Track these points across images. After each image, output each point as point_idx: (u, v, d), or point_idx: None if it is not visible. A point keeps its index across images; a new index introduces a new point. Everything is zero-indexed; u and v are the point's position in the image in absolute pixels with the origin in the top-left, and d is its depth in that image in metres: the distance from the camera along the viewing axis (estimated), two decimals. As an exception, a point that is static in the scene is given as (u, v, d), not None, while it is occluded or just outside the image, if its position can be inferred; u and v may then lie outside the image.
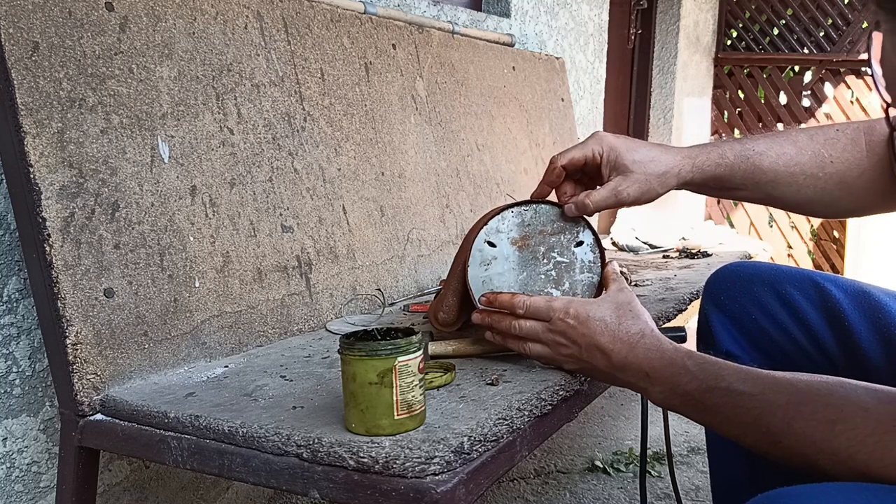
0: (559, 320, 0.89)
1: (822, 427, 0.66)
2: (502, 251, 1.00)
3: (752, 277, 1.02)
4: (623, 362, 0.84)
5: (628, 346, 0.84)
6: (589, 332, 0.87)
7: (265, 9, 1.34)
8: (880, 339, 0.92)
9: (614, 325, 0.86)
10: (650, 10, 3.89)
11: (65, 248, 0.96)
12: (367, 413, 0.79)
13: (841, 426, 0.65)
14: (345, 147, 1.47)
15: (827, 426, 0.66)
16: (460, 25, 2.01)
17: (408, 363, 0.78)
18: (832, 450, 0.65)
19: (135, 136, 1.07)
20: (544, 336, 0.91)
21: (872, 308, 0.94)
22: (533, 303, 0.92)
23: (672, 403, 0.80)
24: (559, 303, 0.90)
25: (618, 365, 0.84)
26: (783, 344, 0.98)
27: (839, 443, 0.65)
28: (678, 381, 0.78)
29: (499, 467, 0.83)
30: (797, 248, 4.30)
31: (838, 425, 0.65)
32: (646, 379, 0.82)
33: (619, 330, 0.85)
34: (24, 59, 0.95)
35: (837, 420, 0.66)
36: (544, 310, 0.91)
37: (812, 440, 0.67)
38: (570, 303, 0.89)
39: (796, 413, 0.68)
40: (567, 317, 0.88)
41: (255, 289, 1.21)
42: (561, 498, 1.77)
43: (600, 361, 0.86)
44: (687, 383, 0.77)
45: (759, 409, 0.71)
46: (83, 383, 0.96)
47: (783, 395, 0.70)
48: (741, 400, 0.73)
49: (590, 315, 0.87)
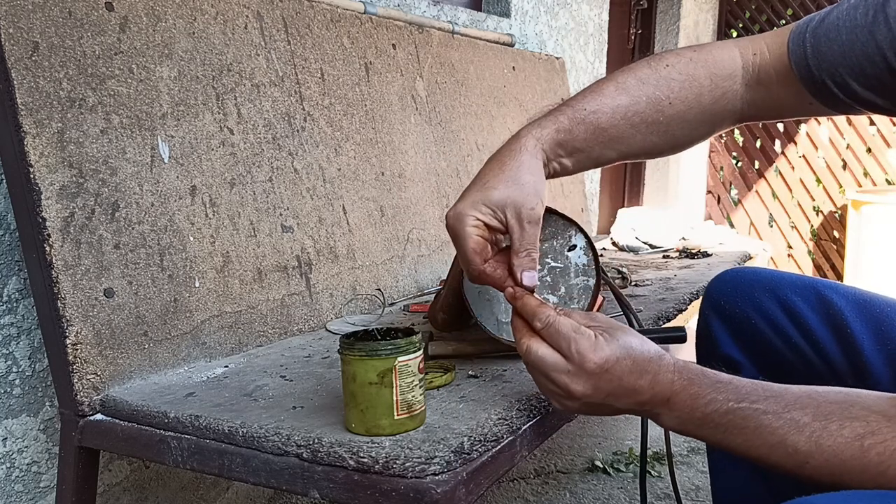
0: (586, 369, 0.72)
1: (852, 443, 0.63)
2: None
3: (753, 283, 1.01)
4: (647, 398, 0.73)
5: (654, 373, 0.73)
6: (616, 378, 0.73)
7: (265, 9, 1.34)
8: (882, 348, 0.92)
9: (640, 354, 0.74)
10: (650, 10, 3.89)
11: (65, 248, 0.96)
12: (367, 413, 0.79)
13: (870, 440, 0.63)
14: (345, 147, 1.47)
15: (857, 441, 0.63)
16: (460, 25, 2.01)
17: (408, 363, 0.78)
18: (862, 467, 0.63)
19: (135, 136, 1.07)
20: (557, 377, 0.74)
21: (875, 317, 0.93)
22: (559, 326, 0.74)
23: (688, 428, 0.73)
24: (586, 342, 0.73)
25: (643, 400, 0.73)
26: (784, 350, 0.98)
27: (870, 459, 0.62)
28: (697, 403, 0.71)
29: (499, 467, 0.83)
30: (797, 248, 4.30)
31: (867, 439, 0.63)
32: (665, 405, 0.73)
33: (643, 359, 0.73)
34: (24, 59, 0.95)
35: (866, 434, 0.63)
36: (566, 343, 0.73)
37: (842, 458, 0.64)
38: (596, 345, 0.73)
39: (823, 430, 0.65)
40: (595, 364, 0.72)
41: (255, 289, 1.21)
42: (561, 498, 1.77)
43: (621, 402, 0.74)
44: (707, 405, 0.70)
45: (785, 428, 0.66)
46: (83, 383, 0.96)
47: (807, 412, 0.66)
48: (765, 419, 0.68)
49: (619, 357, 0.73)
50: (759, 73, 0.89)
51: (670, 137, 0.91)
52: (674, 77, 0.89)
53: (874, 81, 0.80)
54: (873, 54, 0.79)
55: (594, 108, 0.87)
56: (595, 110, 0.87)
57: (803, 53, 0.84)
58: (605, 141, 0.89)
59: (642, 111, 0.88)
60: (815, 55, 0.83)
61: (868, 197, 3.58)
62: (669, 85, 0.88)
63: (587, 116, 0.87)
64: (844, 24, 0.81)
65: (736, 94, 0.90)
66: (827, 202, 4.19)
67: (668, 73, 0.89)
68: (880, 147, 3.97)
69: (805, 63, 0.84)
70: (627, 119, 0.88)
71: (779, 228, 4.36)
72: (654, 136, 0.90)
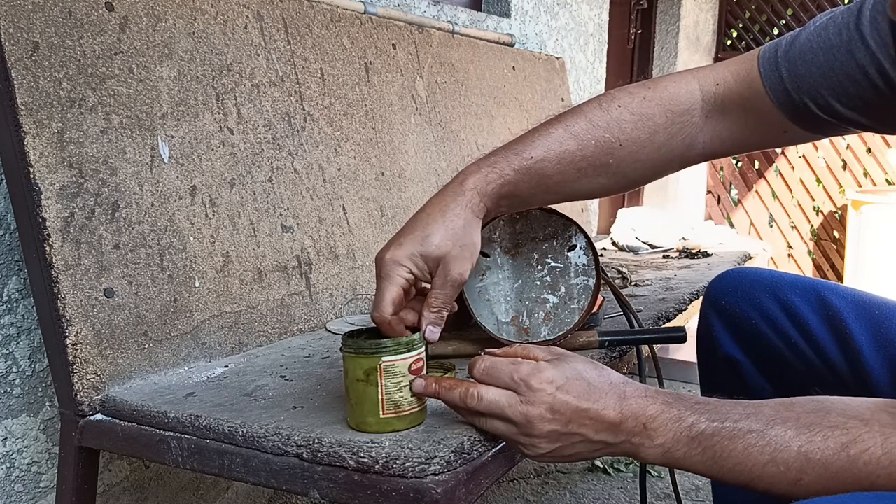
0: (534, 389, 0.70)
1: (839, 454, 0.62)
2: (496, 260, 1.00)
3: (754, 283, 1.01)
4: (618, 419, 0.69)
5: (618, 398, 0.70)
6: (573, 398, 0.70)
7: (265, 9, 1.34)
8: (881, 349, 0.92)
9: (596, 378, 0.71)
10: (650, 10, 3.89)
11: (65, 248, 0.96)
12: (355, 408, 0.80)
13: (855, 449, 0.61)
14: (345, 147, 1.47)
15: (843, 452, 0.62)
16: (460, 25, 2.01)
17: (394, 363, 0.77)
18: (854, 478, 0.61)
19: (135, 136, 1.07)
20: (511, 411, 0.71)
21: (874, 318, 0.93)
22: (494, 364, 0.74)
23: (674, 457, 0.69)
24: (526, 367, 0.72)
25: (612, 424, 0.70)
26: (784, 350, 0.98)
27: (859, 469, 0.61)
28: (680, 426, 0.68)
29: (499, 467, 0.83)
30: (797, 248, 4.30)
31: (852, 448, 0.62)
32: (642, 433, 0.69)
33: (602, 382, 0.71)
34: (24, 59, 0.95)
35: (849, 443, 0.62)
36: (507, 375, 0.72)
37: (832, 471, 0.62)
38: (537, 367, 0.72)
39: (809, 443, 0.63)
40: (542, 383, 0.70)
41: (255, 289, 1.21)
42: (561, 498, 1.77)
43: (589, 429, 0.70)
44: (691, 427, 0.67)
45: (773, 445, 0.64)
46: (83, 383, 0.96)
47: (789, 426, 0.64)
48: (751, 438, 0.65)
49: (568, 377, 0.71)
50: (724, 103, 0.87)
51: (621, 178, 0.89)
52: (625, 118, 0.86)
53: (857, 101, 0.80)
54: (854, 73, 0.78)
55: (541, 155, 0.85)
56: (541, 158, 0.85)
57: (779, 78, 0.83)
58: (549, 187, 0.87)
59: (590, 155, 0.86)
60: (793, 78, 0.82)
61: (868, 197, 3.58)
62: (621, 126, 0.86)
63: (533, 165, 0.85)
64: (819, 45, 0.80)
65: (695, 128, 0.88)
66: (827, 202, 4.19)
67: (620, 115, 0.86)
68: (880, 147, 3.97)
69: (782, 87, 0.83)
70: (574, 164, 0.86)
71: (779, 228, 4.36)
72: (603, 177, 0.88)
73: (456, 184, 0.84)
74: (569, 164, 0.86)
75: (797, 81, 0.82)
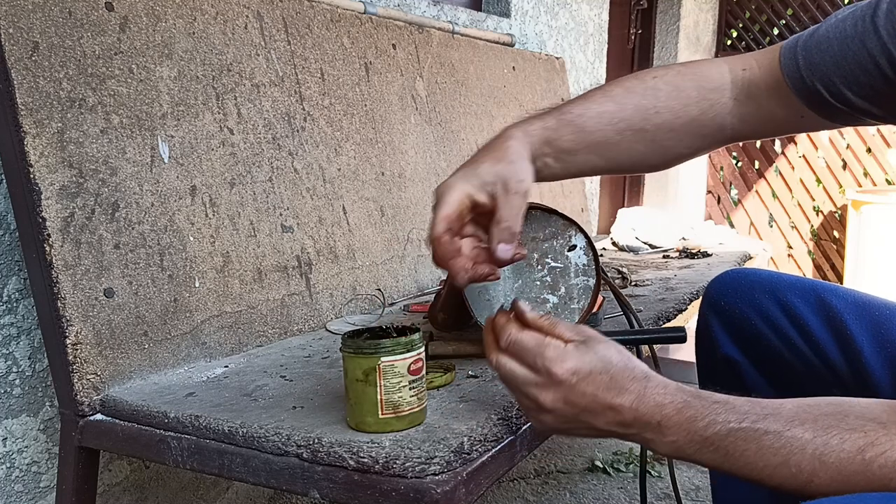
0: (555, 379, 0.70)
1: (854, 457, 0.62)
2: None
3: (753, 284, 1.01)
4: (631, 417, 0.70)
5: (638, 394, 0.70)
6: (592, 390, 0.70)
7: (265, 9, 1.34)
8: (881, 350, 0.91)
9: (619, 371, 0.71)
10: (650, 10, 3.89)
11: (65, 248, 0.96)
12: (355, 408, 0.80)
13: (871, 452, 0.61)
14: (345, 147, 1.47)
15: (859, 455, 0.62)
16: (460, 25, 2.01)
17: (393, 364, 0.78)
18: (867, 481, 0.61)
19: (135, 136, 1.07)
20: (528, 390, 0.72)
21: (874, 320, 0.93)
22: (523, 342, 0.73)
23: (686, 453, 0.69)
24: (552, 351, 0.71)
25: (625, 420, 0.70)
26: (784, 351, 0.98)
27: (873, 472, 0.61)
28: (695, 426, 0.68)
29: (499, 467, 0.83)
30: (797, 248, 4.30)
31: (868, 452, 0.62)
32: (655, 429, 0.70)
33: (624, 377, 0.70)
34: (24, 59, 0.95)
35: (866, 447, 0.62)
36: (532, 357, 0.72)
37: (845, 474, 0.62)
38: (563, 354, 0.71)
39: (825, 446, 0.63)
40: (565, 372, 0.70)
41: (255, 289, 1.21)
42: (561, 498, 1.77)
43: (600, 420, 0.71)
44: (706, 427, 0.67)
45: (788, 447, 0.64)
46: (83, 383, 0.96)
47: (807, 428, 0.64)
48: (766, 440, 0.66)
49: (591, 368, 0.70)
50: (750, 87, 0.90)
51: (658, 147, 0.91)
52: (660, 87, 0.89)
53: (868, 90, 0.81)
54: (866, 63, 0.80)
55: (580, 111, 0.88)
56: (581, 114, 0.88)
57: (795, 65, 0.86)
58: (590, 145, 0.89)
59: (628, 118, 0.89)
60: (808, 66, 0.85)
61: (868, 197, 3.58)
62: (656, 94, 0.89)
63: (574, 119, 0.88)
64: (835, 35, 0.83)
65: (725, 108, 0.91)
66: (827, 202, 4.19)
67: (655, 84, 0.90)
68: (880, 147, 3.97)
69: (798, 74, 0.85)
70: (613, 125, 0.88)
71: (779, 228, 4.36)
72: (641, 144, 0.90)
73: (499, 133, 0.88)
74: (607, 124, 0.88)
75: (811, 69, 0.84)
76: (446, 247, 0.79)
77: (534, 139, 0.87)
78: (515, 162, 0.83)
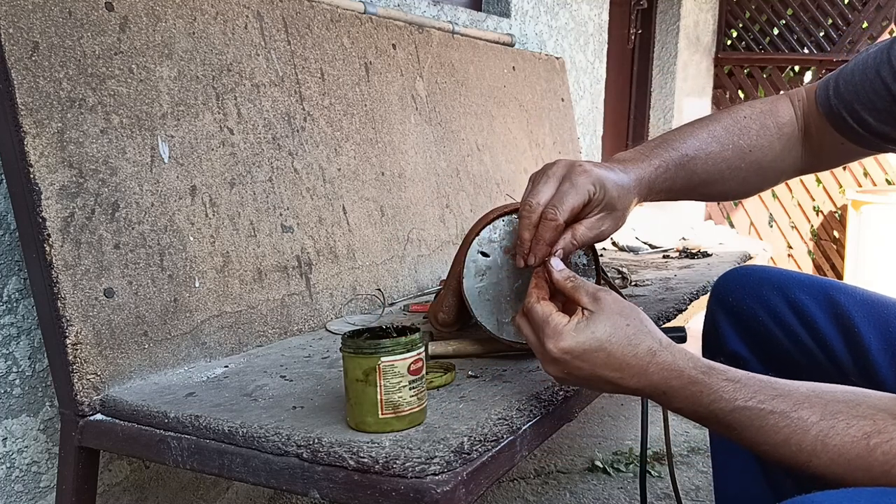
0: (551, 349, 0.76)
1: (858, 442, 0.64)
2: (496, 260, 1.00)
3: (761, 281, 1.01)
4: (636, 387, 0.74)
5: (639, 370, 0.74)
6: (589, 366, 0.75)
7: (265, 9, 1.34)
8: (889, 348, 0.92)
9: (619, 349, 0.74)
10: (650, 10, 3.89)
11: (65, 248, 0.96)
12: (355, 408, 0.80)
13: (876, 439, 0.63)
14: (345, 147, 1.47)
15: (863, 440, 0.63)
16: (460, 25, 2.01)
17: (393, 364, 0.78)
18: (867, 465, 0.63)
19: (135, 136, 1.07)
20: (535, 352, 0.80)
21: (882, 318, 0.93)
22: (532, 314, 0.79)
23: (692, 419, 0.74)
24: (550, 327, 0.76)
25: (630, 389, 0.75)
26: (791, 348, 0.98)
27: (875, 458, 0.63)
28: (700, 399, 0.72)
29: (499, 467, 0.83)
30: (797, 248, 4.30)
31: (874, 438, 0.63)
32: (661, 397, 0.74)
33: (626, 353, 0.74)
34: (24, 59, 0.95)
35: (872, 433, 0.63)
36: (537, 329, 0.78)
37: (847, 457, 0.64)
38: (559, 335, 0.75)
39: (831, 429, 0.65)
40: (559, 352, 0.75)
41: (255, 289, 1.21)
42: (561, 498, 1.77)
43: (607, 388, 0.77)
44: (711, 403, 0.71)
45: (791, 427, 0.67)
46: (83, 383, 0.96)
47: (815, 411, 0.67)
48: (771, 419, 0.68)
49: (586, 348, 0.74)
50: (805, 119, 0.99)
51: (742, 184, 0.99)
52: (751, 126, 0.97)
53: (885, 115, 0.90)
54: (880, 89, 0.89)
55: (692, 153, 0.93)
56: (693, 157, 0.93)
57: (826, 95, 0.95)
58: (695, 185, 0.95)
59: (728, 158, 0.95)
60: (836, 95, 0.94)
61: (868, 197, 3.58)
62: (748, 133, 0.96)
63: (686, 163, 0.93)
64: (858, 67, 0.92)
65: (797, 141, 0.99)
66: (827, 202, 4.19)
67: (746, 124, 0.97)
68: (880, 147, 3.96)
69: (828, 104, 0.94)
70: (716, 165, 0.95)
71: (779, 228, 4.36)
72: (732, 182, 0.97)
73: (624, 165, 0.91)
74: (713, 165, 0.95)
75: (838, 98, 0.94)
76: (553, 233, 0.83)
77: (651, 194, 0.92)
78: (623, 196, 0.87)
